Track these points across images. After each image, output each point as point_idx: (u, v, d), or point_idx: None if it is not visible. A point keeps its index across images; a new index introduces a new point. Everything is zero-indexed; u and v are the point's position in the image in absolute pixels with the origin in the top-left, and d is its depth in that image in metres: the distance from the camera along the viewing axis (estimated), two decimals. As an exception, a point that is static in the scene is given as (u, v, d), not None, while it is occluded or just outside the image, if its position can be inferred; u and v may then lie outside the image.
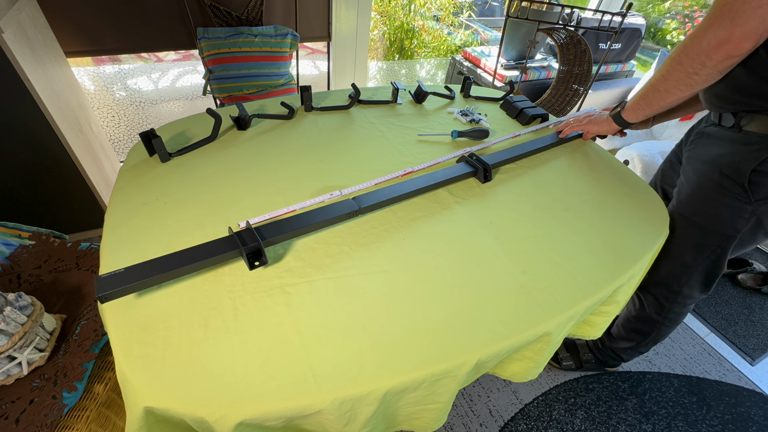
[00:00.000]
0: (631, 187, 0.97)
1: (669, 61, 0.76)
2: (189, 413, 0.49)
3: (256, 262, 0.66)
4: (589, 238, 0.80)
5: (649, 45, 3.87)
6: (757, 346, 1.51)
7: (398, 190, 0.82)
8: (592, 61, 1.88)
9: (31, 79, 1.07)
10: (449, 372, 0.57)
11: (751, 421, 1.27)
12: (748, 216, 0.82)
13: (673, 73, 0.75)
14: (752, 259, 1.85)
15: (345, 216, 0.76)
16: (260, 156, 0.94)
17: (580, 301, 0.67)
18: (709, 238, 0.89)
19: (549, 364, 1.31)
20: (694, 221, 0.89)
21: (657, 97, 0.82)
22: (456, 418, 1.18)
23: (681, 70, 0.74)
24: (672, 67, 0.75)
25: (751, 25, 0.62)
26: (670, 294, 1.00)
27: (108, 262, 0.66)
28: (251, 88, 1.60)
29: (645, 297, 1.06)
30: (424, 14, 3.90)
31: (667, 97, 0.80)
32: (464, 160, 0.94)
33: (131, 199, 0.79)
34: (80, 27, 1.42)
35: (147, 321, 0.57)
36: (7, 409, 0.67)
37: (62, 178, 1.33)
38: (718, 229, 0.87)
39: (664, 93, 0.80)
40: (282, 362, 0.54)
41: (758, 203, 0.80)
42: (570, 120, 1.12)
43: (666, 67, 0.77)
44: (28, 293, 0.74)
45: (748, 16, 0.61)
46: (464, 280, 0.68)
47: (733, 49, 0.65)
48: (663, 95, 0.80)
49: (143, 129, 0.96)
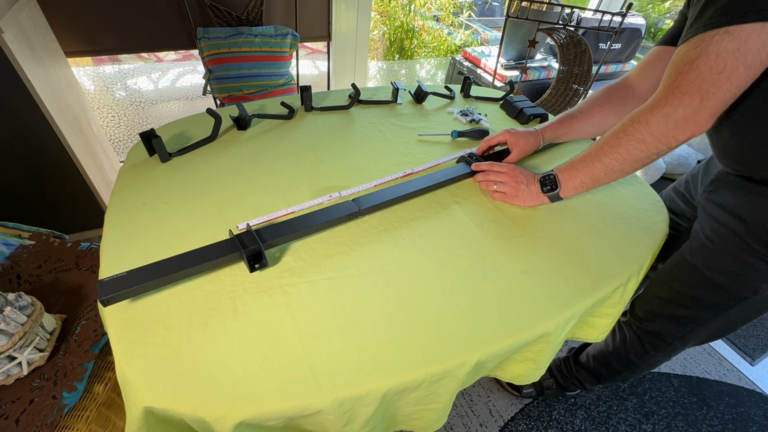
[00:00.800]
0: (631, 186, 0.97)
1: (624, 136, 0.67)
2: (189, 413, 0.49)
3: (256, 264, 0.66)
4: (589, 238, 0.80)
5: (649, 45, 3.87)
6: (757, 346, 1.51)
7: (398, 192, 0.82)
8: (592, 61, 1.88)
9: (31, 79, 1.07)
10: (449, 372, 0.57)
11: (751, 421, 1.27)
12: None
13: (633, 153, 0.67)
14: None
15: (345, 218, 0.76)
16: (260, 156, 0.94)
17: (579, 301, 0.67)
18: (722, 297, 0.77)
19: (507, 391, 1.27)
20: (707, 276, 0.77)
21: (608, 176, 0.73)
22: (456, 418, 1.18)
23: (643, 150, 0.66)
24: (631, 145, 0.67)
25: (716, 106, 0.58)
26: (658, 343, 0.90)
27: (108, 262, 0.66)
28: (251, 88, 1.60)
29: (628, 334, 0.95)
30: (424, 14, 3.90)
31: (619, 176, 0.72)
32: (464, 160, 0.94)
33: (131, 199, 0.79)
34: (80, 27, 1.43)
35: (147, 321, 0.57)
36: (7, 409, 0.67)
37: (62, 178, 1.33)
38: (735, 289, 0.75)
39: (618, 172, 0.71)
40: (282, 362, 0.54)
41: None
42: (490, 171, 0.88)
43: (621, 143, 0.68)
44: (28, 293, 0.74)
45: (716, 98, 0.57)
46: (464, 280, 0.68)
47: (698, 129, 0.61)
48: (616, 174, 0.72)
49: (143, 129, 0.96)
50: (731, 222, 0.73)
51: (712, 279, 0.77)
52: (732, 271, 0.74)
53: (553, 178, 0.81)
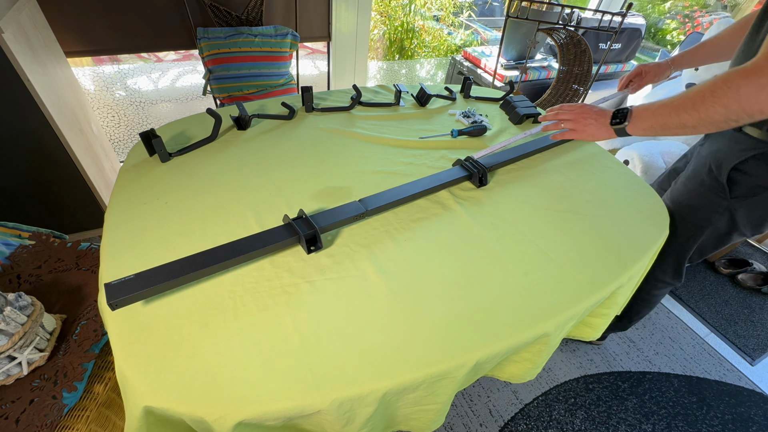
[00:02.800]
0: (631, 187, 0.97)
1: (710, 95, 0.63)
2: (188, 413, 0.49)
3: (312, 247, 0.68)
4: (589, 239, 0.80)
5: (649, 45, 3.87)
6: (757, 346, 1.51)
7: (403, 192, 0.82)
8: (592, 61, 1.88)
9: (31, 79, 1.07)
10: (448, 373, 0.57)
11: (751, 421, 1.27)
12: (722, 211, 0.86)
13: (712, 114, 0.64)
14: (752, 259, 1.85)
15: (352, 218, 0.76)
16: (260, 156, 0.94)
17: (579, 301, 0.67)
18: (684, 223, 0.93)
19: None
20: (673, 211, 0.94)
21: (679, 128, 0.71)
22: (456, 418, 1.18)
23: (723, 114, 0.63)
24: (713, 106, 0.63)
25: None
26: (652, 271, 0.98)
27: (108, 262, 0.66)
28: (251, 88, 1.60)
29: None
30: (424, 14, 3.90)
31: (690, 132, 0.70)
32: (460, 163, 0.94)
33: (131, 199, 0.79)
34: (80, 27, 1.42)
35: (147, 321, 0.57)
36: (7, 409, 0.67)
37: (62, 178, 1.33)
38: (692, 219, 0.91)
39: (690, 128, 0.69)
40: (282, 362, 0.54)
41: (734, 200, 0.82)
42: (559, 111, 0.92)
43: (704, 101, 0.64)
44: (28, 293, 0.74)
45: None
46: (465, 281, 0.68)
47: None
48: (687, 130, 0.70)
49: (143, 129, 0.96)
50: (700, 164, 0.89)
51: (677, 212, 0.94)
52: (692, 204, 0.91)
53: (625, 113, 0.79)
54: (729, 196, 0.83)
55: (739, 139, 0.79)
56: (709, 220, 0.88)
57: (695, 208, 0.90)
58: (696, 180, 0.89)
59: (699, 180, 0.88)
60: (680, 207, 0.93)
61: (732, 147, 0.80)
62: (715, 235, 0.91)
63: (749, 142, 0.77)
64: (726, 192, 0.82)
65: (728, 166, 0.80)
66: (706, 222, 0.89)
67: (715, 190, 0.84)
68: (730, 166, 0.80)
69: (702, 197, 0.88)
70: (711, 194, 0.86)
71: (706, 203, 0.87)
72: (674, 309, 1.64)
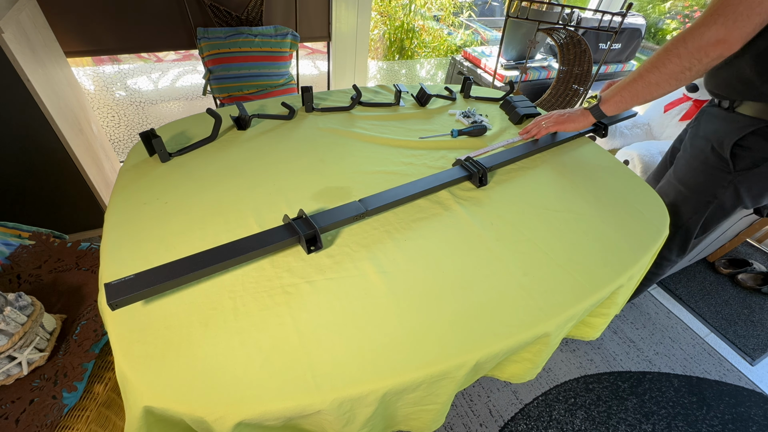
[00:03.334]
0: (631, 187, 0.97)
1: (664, 53, 0.76)
2: (188, 413, 0.49)
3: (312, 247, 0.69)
4: (589, 239, 0.80)
5: (649, 45, 3.86)
6: (757, 346, 1.51)
7: (403, 192, 0.82)
8: (592, 61, 1.88)
9: (31, 79, 1.07)
10: (448, 373, 0.57)
11: (751, 421, 1.27)
12: (726, 185, 0.93)
13: (669, 66, 0.76)
14: (752, 259, 1.85)
15: (352, 218, 0.76)
16: (260, 156, 0.94)
17: (579, 301, 0.67)
18: (689, 201, 1.00)
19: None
20: (679, 188, 1.01)
21: (645, 89, 0.82)
22: (456, 418, 1.18)
23: (678, 64, 0.74)
24: (668, 59, 0.75)
25: (747, 30, 0.65)
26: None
27: (108, 262, 0.66)
28: (251, 88, 1.60)
29: None
30: (424, 14, 3.90)
31: (655, 90, 0.80)
32: (459, 163, 0.94)
33: (131, 199, 0.79)
34: (80, 27, 1.42)
35: (147, 321, 0.57)
36: (7, 409, 0.67)
37: (62, 178, 1.33)
38: (699, 195, 0.98)
39: (654, 86, 0.80)
40: (282, 362, 0.54)
41: (737, 173, 0.90)
42: (539, 121, 1.06)
43: (660, 59, 0.77)
44: (28, 293, 0.74)
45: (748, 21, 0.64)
46: (465, 281, 0.68)
47: (727, 49, 0.68)
48: (652, 88, 0.80)
49: (143, 129, 0.96)
50: (702, 143, 0.96)
51: (683, 189, 1.01)
52: (697, 180, 0.98)
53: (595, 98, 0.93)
54: (733, 170, 0.90)
55: (734, 119, 0.88)
56: (715, 194, 0.95)
57: (701, 184, 0.96)
58: (699, 158, 0.96)
59: (702, 158, 0.95)
60: (686, 184, 0.99)
61: (729, 126, 0.89)
62: (719, 208, 0.98)
63: (745, 120, 0.86)
64: (730, 166, 0.90)
65: (730, 142, 0.88)
66: (712, 197, 0.96)
67: (720, 166, 0.91)
68: (732, 141, 0.87)
69: (707, 173, 0.95)
70: (715, 170, 0.93)
71: (711, 178, 0.94)
72: (674, 309, 1.64)
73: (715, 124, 0.93)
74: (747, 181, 0.91)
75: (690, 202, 1.01)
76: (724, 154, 0.90)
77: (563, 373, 1.33)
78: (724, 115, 0.91)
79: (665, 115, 1.95)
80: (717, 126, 0.92)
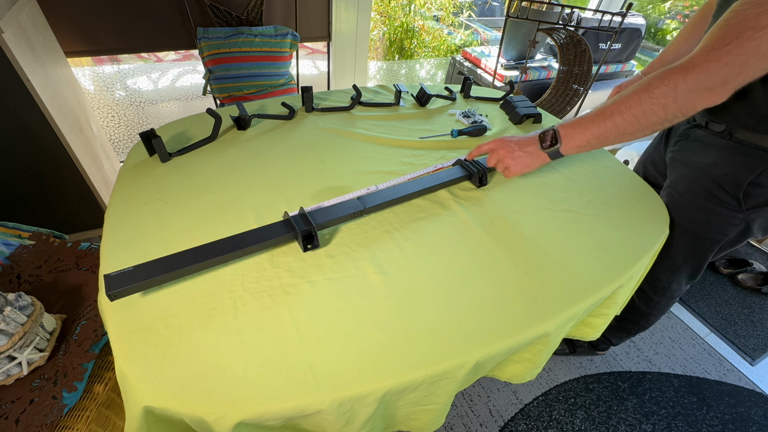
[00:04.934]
0: (631, 187, 0.97)
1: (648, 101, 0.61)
2: (188, 413, 0.49)
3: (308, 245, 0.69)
4: (589, 239, 0.80)
5: (649, 45, 3.87)
6: (757, 346, 1.51)
7: (401, 191, 0.82)
8: (592, 61, 1.88)
9: (31, 79, 1.07)
10: (448, 373, 0.57)
11: (751, 421, 1.27)
12: (738, 223, 0.84)
13: (652, 117, 0.62)
14: (752, 259, 1.85)
15: (350, 216, 0.76)
16: (260, 156, 0.94)
17: (580, 301, 0.67)
18: (699, 242, 0.92)
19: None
20: (685, 227, 0.91)
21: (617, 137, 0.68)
22: (456, 418, 1.18)
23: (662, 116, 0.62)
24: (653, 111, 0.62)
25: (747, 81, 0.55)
26: (659, 289, 1.04)
27: (108, 262, 0.66)
28: (251, 88, 1.60)
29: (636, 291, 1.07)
30: (424, 14, 3.90)
31: (627, 138, 0.68)
32: (459, 163, 0.94)
33: (131, 199, 0.79)
34: (80, 27, 1.43)
35: (147, 321, 0.57)
36: (7, 409, 0.67)
37: (62, 178, 1.33)
38: (709, 235, 0.89)
39: (628, 136, 0.67)
40: (282, 362, 0.54)
41: (749, 211, 0.81)
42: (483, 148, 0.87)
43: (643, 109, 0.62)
44: (28, 293, 0.74)
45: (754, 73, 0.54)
46: (465, 281, 0.68)
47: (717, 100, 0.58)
48: (625, 138, 0.67)
49: (143, 129, 0.96)
50: (699, 178, 0.85)
51: (689, 229, 0.90)
52: (705, 220, 0.87)
53: (553, 134, 0.75)
54: (744, 209, 0.81)
55: (739, 150, 0.77)
56: (725, 232, 0.87)
57: (710, 224, 0.87)
58: (701, 196, 0.86)
59: (705, 196, 0.85)
60: (693, 224, 0.89)
61: (735, 159, 0.77)
62: (728, 243, 0.91)
63: (755, 154, 0.74)
64: (741, 205, 0.81)
65: (745, 181, 0.77)
66: (723, 235, 0.88)
67: (730, 205, 0.82)
68: (747, 181, 0.77)
69: (714, 213, 0.85)
70: (725, 209, 0.83)
71: (721, 218, 0.85)
72: (674, 309, 1.64)
73: (712, 154, 0.81)
74: (759, 217, 0.82)
75: (700, 240, 0.91)
76: (737, 194, 0.79)
77: (563, 373, 1.33)
78: (722, 144, 0.79)
79: (665, 115, 1.95)
80: (716, 158, 0.81)
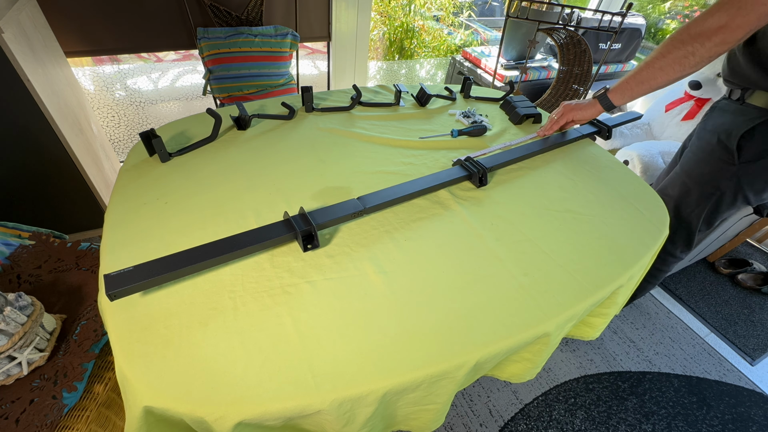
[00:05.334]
0: (631, 187, 0.97)
1: (669, 41, 0.80)
2: (188, 413, 0.49)
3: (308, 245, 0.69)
4: (589, 239, 0.80)
5: (649, 45, 3.86)
6: (757, 346, 1.51)
7: (401, 191, 0.82)
8: (592, 61, 1.88)
9: (31, 79, 1.07)
10: (448, 373, 0.57)
11: (751, 421, 1.27)
12: (730, 177, 0.95)
13: (673, 51, 0.79)
14: (752, 259, 1.85)
15: (350, 216, 0.76)
16: (260, 156, 0.94)
17: (580, 301, 0.67)
18: (692, 193, 1.02)
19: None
20: (684, 179, 1.04)
21: (650, 75, 0.84)
22: (456, 418, 1.18)
23: (681, 49, 0.78)
24: (673, 45, 0.79)
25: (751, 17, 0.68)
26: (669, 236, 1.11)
27: (108, 262, 0.66)
28: (251, 88, 1.60)
29: None
30: (424, 14, 3.89)
31: (660, 76, 0.83)
32: (459, 163, 0.94)
33: (131, 199, 0.79)
34: (80, 27, 1.42)
35: (147, 321, 0.57)
36: (7, 409, 0.67)
37: (62, 178, 1.33)
38: (702, 186, 1.00)
39: (659, 71, 0.83)
40: (282, 362, 0.54)
41: (741, 165, 0.92)
42: (552, 116, 1.10)
43: (665, 46, 0.81)
44: (28, 293, 0.74)
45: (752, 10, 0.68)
46: (465, 281, 0.68)
47: (728, 35, 0.71)
48: (657, 73, 0.83)
49: (143, 129, 0.96)
50: (709, 136, 0.98)
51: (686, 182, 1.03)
52: (701, 171, 1.00)
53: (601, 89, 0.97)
54: (737, 161, 0.92)
55: (744, 111, 0.90)
56: (718, 185, 0.97)
57: (705, 176, 0.99)
58: (706, 150, 0.98)
59: (709, 149, 0.97)
60: (691, 176, 1.02)
61: (738, 118, 0.91)
62: (722, 201, 1.00)
63: (755, 112, 0.88)
64: (735, 157, 0.92)
65: (738, 133, 0.90)
66: (716, 188, 0.98)
67: (725, 158, 0.94)
68: (740, 133, 0.89)
69: (712, 164, 0.97)
70: (720, 162, 0.95)
71: (715, 170, 0.96)
72: (674, 309, 1.64)
73: (725, 116, 0.95)
74: (750, 174, 0.92)
75: (693, 193, 1.02)
76: (731, 145, 0.91)
77: (563, 373, 1.33)
78: (735, 108, 0.93)
79: (666, 114, 1.95)
80: (726, 118, 0.94)
